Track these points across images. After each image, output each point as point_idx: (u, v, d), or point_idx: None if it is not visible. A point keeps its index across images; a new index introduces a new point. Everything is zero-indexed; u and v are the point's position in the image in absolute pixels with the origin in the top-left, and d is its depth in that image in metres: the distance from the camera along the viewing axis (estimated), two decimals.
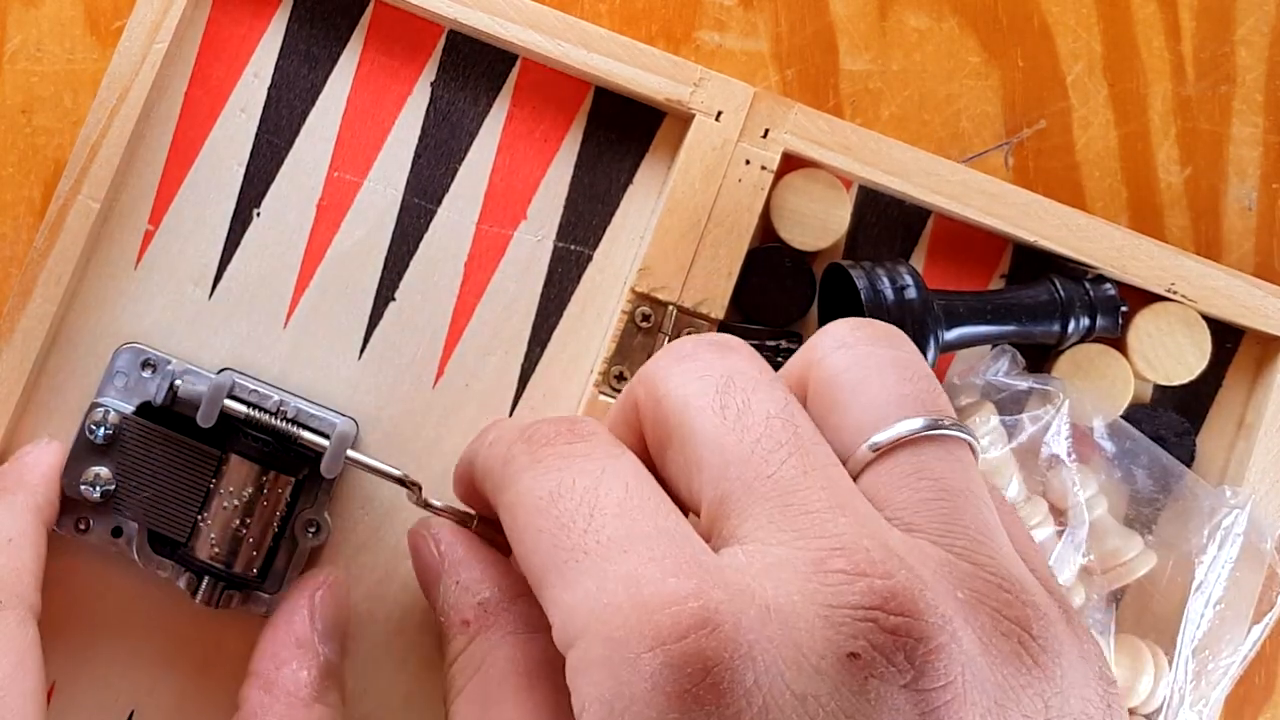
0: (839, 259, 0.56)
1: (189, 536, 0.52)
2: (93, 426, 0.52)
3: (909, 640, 0.33)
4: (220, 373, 0.53)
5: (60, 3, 0.57)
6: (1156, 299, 0.56)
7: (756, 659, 0.32)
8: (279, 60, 0.55)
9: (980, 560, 0.35)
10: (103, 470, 0.52)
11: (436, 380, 0.55)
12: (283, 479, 0.52)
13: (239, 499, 0.51)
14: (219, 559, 0.51)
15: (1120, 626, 0.56)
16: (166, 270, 0.54)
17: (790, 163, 0.55)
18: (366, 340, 0.55)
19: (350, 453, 0.50)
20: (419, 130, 0.56)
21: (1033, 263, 0.57)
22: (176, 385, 0.51)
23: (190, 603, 0.52)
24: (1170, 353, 0.56)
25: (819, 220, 0.55)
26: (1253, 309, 0.56)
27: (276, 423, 0.51)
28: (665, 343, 0.53)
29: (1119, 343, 0.57)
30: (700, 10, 0.59)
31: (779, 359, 0.55)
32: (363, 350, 0.55)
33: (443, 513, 0.47)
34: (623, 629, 0.33)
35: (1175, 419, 0.57)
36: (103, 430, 0.52)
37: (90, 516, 0.53)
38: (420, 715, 0.54)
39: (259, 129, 0.55)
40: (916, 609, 0.33)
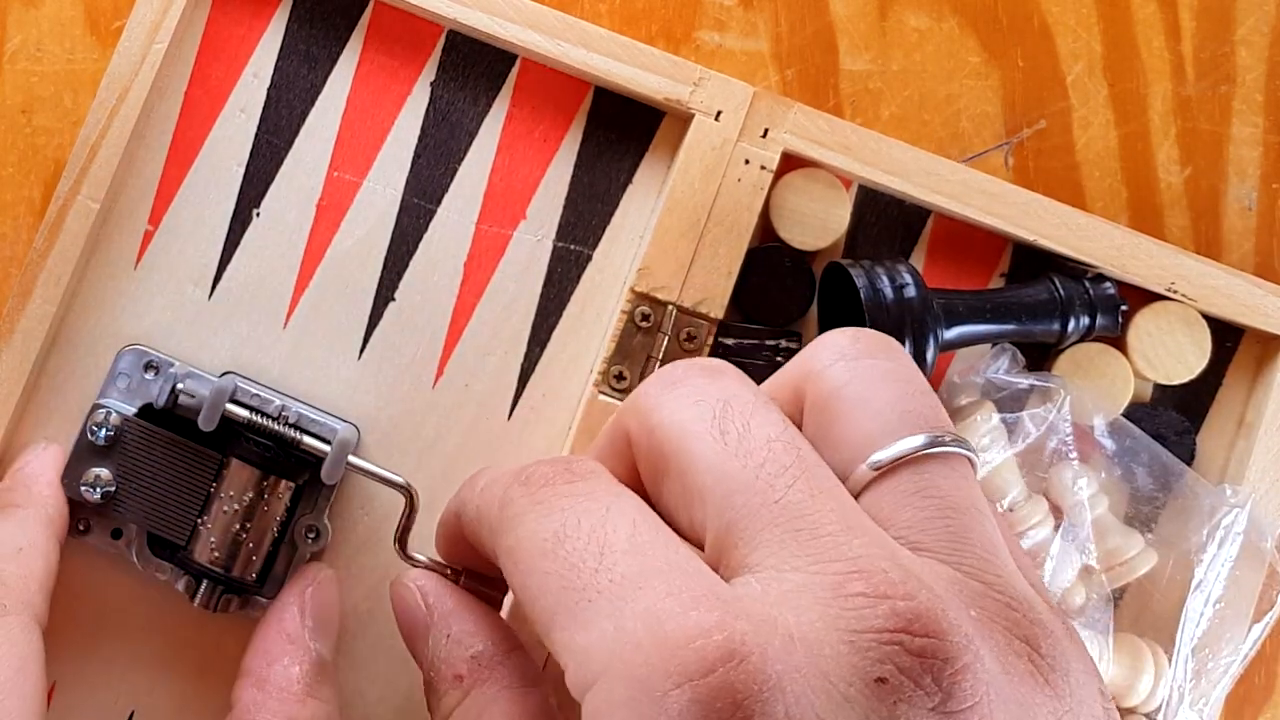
0: (839, 258, 0.56)
1: (188, 540, 0.52)
2: (94, 428, 0.52)
3: (935, 662, 0.32)
4: (222, 376, 0.53)
5: (60, 3, 0.57)
6: (1156, 298, 0.56)
7: (786, 690, 0.32)
8: (278, 60, 0.55)
9: (988, 579, 0.35)
10: (103, 472, 0.52)
11: (436, 380, 0.55)
12: (283, 484, 0.52)
13: (239, 503, 0.51)
14: (218, 563, 0.51)
15: (1120, 625, 0.56)
16: (166, 270, 0.54)
17: (790, 162, 0.55)
18: (366, 340, 0.55)
19: (351, 459, 0.50)
20: (418, 130, 0.56)
21: (1032, 262, 0.57)
22: (178, 388, 0.51)
23: (189, 605, 0.52)
24: (1170, 352, 0.56)
25: (819, 220, 0.55)
26: (1253, 308, 0.56)
27: (278, 428, 0.51)
28: (665, 343, 0.53)
29: (1119, 342, 0.57)
30: (700, 10, 0.59)
31: (779, 359, 0.54)
32: (362, 350, 0.55)
33: (429, 567, 0.46)
34: (645, 667, 0.32)
35: (1175, 418, 0.57)
36: (104, 431, 0.52)
37: (90, 518, 0.53)
38: (420, 715, 0.54)
39: (258, 129, 0.55)
40: (940, 629, 0.32)
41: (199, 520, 0.51)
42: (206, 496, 0.52)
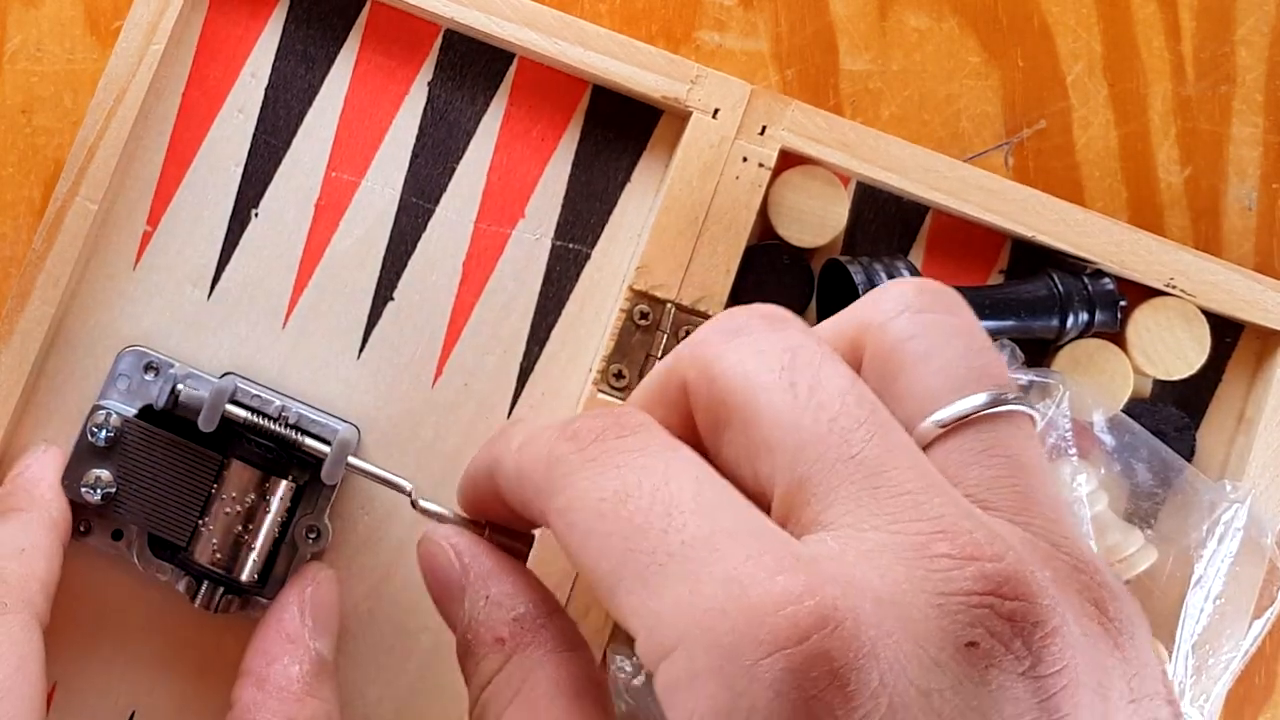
0: (837, 255, 0.56)
1: (189, 541, 0.52)
2: (94, 429, 0.52)
3: (1026, 625, 0.31)
4: (223, 377, 0.53)
5: (60, 3, 0.57)
6: (1156, 294, 0.56)
7: (880, 656, 0.30)
8: (276, 61, 0.56)
9: (1056, 540, 0.34)
10: (104, 473, 0.52)
11: (435, 379, 0.55)
12: (283, 485, 0.52)
13: (240, 504, 0.51)
14: (219, 564, 0.51)
15: None
16: (165, 271, 0.54)
17: (788, 160, 0.55)
18: (365, 340, 0.55)
19: (351, 459, 0.50)
20: (416, 130, 0.56)
21: (1031, 258, 0.57)
22: (178, 389, 0.52)
23: (189, 606, 0.52)
24: (1170, 347, 0.56)
25: (817, 217, 0.55)
26: (1252, 303, 0.56)
27: (278, 428, 0.51)
28: (664, 341, 0.53)
29: (1118, 337, 0.57)
30: (700, 10, 0.59)
31: None
32: (361, 350, 0.55)
33: (454, 521, 0.44)
34: (731, 635, 0.31)
35: (1175, 414, 0.57)
36: (104, 433, 0.52)
37: (91, 519, 0.53)
38: (420, 715, 0.54)
39: (256, 129, 0.55)
40: (1030, 592, 0.31)
41: (199, 521, 0.51)
42: (207, 497, 0.52)
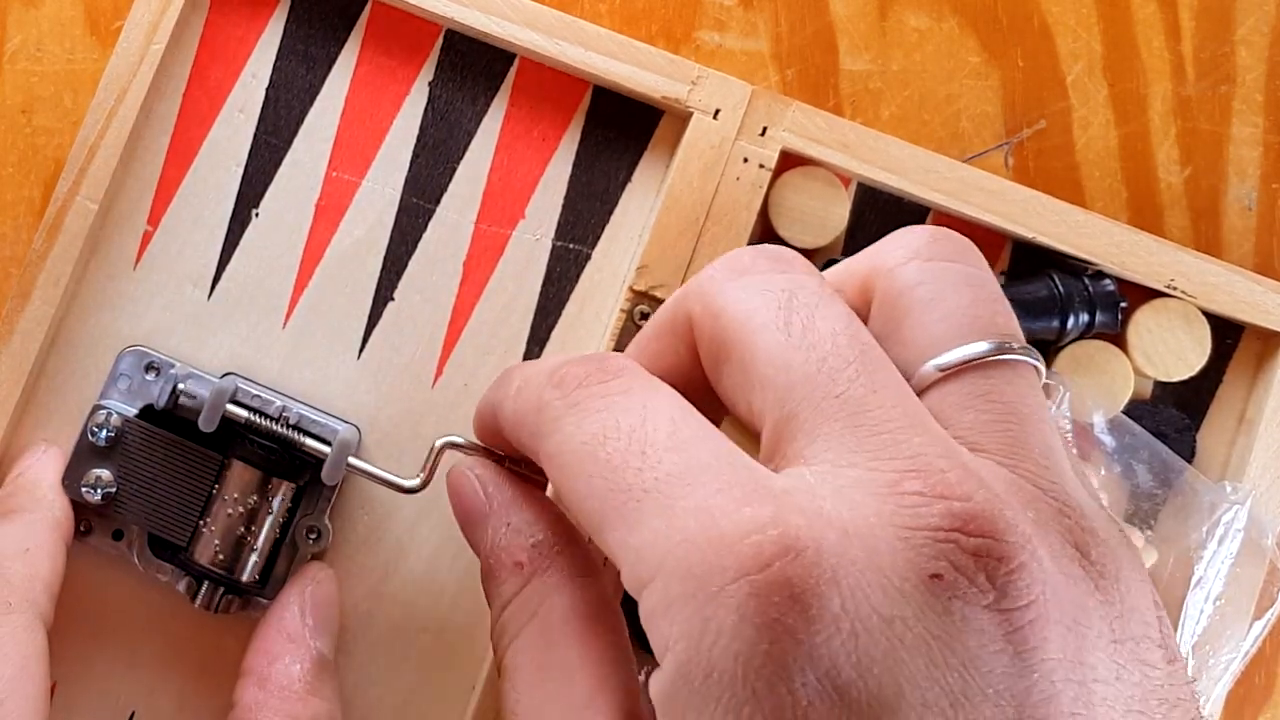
0: (838, 256, 0.56)
1: (190, 541, 0.52)
2: (95, 429, 0.52)
3: (990, 560, 0.32)
4: (223, 377, 0.53)
5: (60, 3, 0.57)
6: (1156, 295, 0.56)
7: (841, 583, 0.32)
8: (277, 61, 0.56)
9: (1044, 484, 0.35)
10: (104, 473, 0.52)
11: (435, 380, 0.55)
12: (284, 485, 0.52)
13: (241, 505, 0.51)
14: (220, 564, 0.51)
15: None
16: (165, 271, 0.54)
17: (788, 160, 0.55)
18: (365, 340, 0.55)
19: (352, 460, 0.50)
20: (417, 130, 0.56)
21: (1032, 259, 0.57)
22: (179, 389, 0.52)
23: (190, 606, 0.52)
24: (1170, 349, 0.56)
25: (817, 218, 0.55)
26: (1253, 304, 0.56)
27: (278, 429, 0.51)
28: None
29: (1119, 339, 0.57)
30: (700, 10, 0.59)
31: None
32: (361, 350, 0.55)
33: (473, 451, 0.46)
34: (702, 563, 0.32)
35: (1175, 415, 0.57)
36: (105, 432, 0.52)
37: (91, 519, 0.53)
38: (420, 715, 0.54)
39: (257, 129, 0.55)
40: (996, 529, 0.33)
41: (200, 521, 0.51)
42: (207, 498, 0.52)
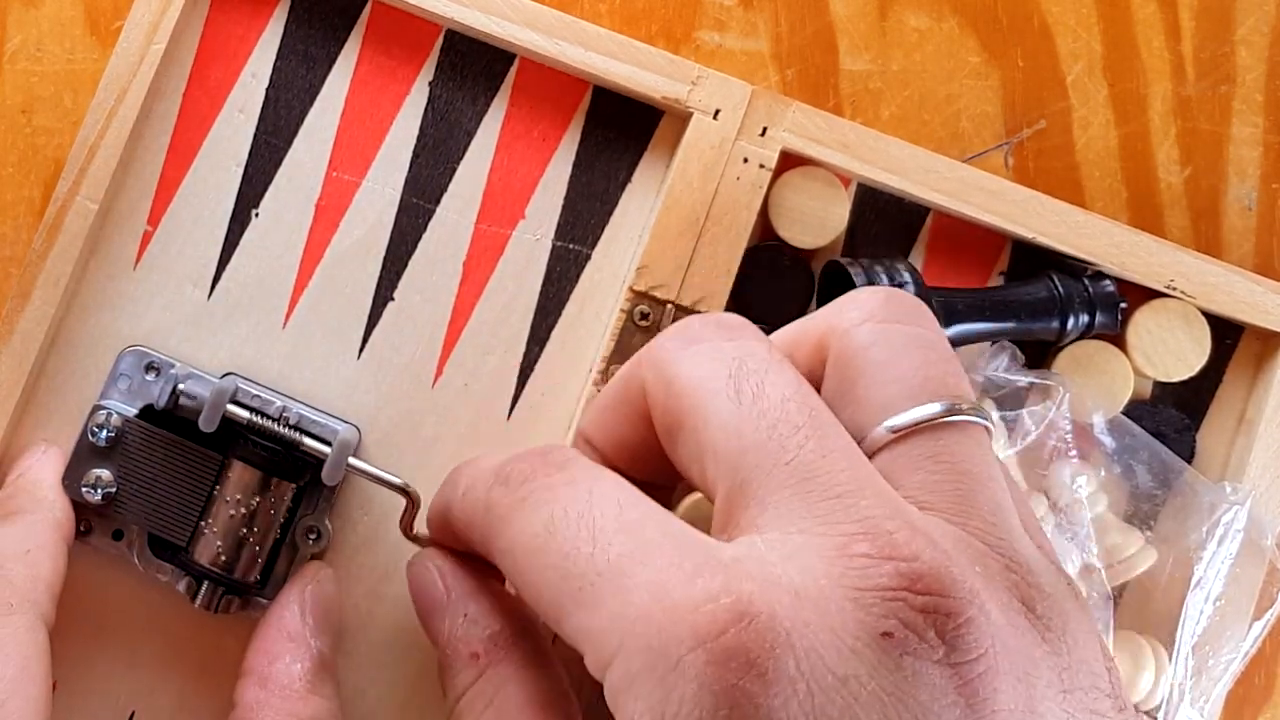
0: (838, 257, 0.56)
1: (190, 541, 0.52)
2: (95, 429, 0.52)
3: (939, 616, 0.33)
4: (223, 377, 0.53)
5: (60, 3, 0.57)
6: (1156, 295, 0.56)
7: (795, 645, 0.32)
8: (277, 61, 0.55)
9: (991, 541, 0.36)
10: (104, 473, 0.52)
11: (435, 380, 0.55)
12: (284, 485, 0.52)
13: (242, 505, 0.51)
14: (220, 564, 0.51)
15: (1120, 623, 0.55)
16: (165, 271, 0.54)
17: (788, 161, 0.55)
18: (365, 340, 0.55)
19: (352, 460, 0.50)
20: (417, 130, 0.56)
21: (1032, 259, 0.57)
22: (179, 389, 0.52)
23: (190, 606, 0.52)
24: (1170, 349, 0.56)
25: (817, 218, 0.55)
26: (1252, 305, 0.56)
27: (279, 429, 0.51)
28: None
29: (1118, 339, 0.57)
30: (700, 10, 0.59)
31: None
32: (361, 350, 0.55)
33: (439, 544, 0.47)
34: (658, 636, 0.33)
35: (1175, 415, 0.57)
36: (105, 433, 0.52)
37: (91, 519, 0.53)
38: (420, 715, 0.54)
39: (257, 129, 0.55)
40: (943, 586, 0.33)
41: (200, 522, 0.51)
42: (208, 498, 0.52)
